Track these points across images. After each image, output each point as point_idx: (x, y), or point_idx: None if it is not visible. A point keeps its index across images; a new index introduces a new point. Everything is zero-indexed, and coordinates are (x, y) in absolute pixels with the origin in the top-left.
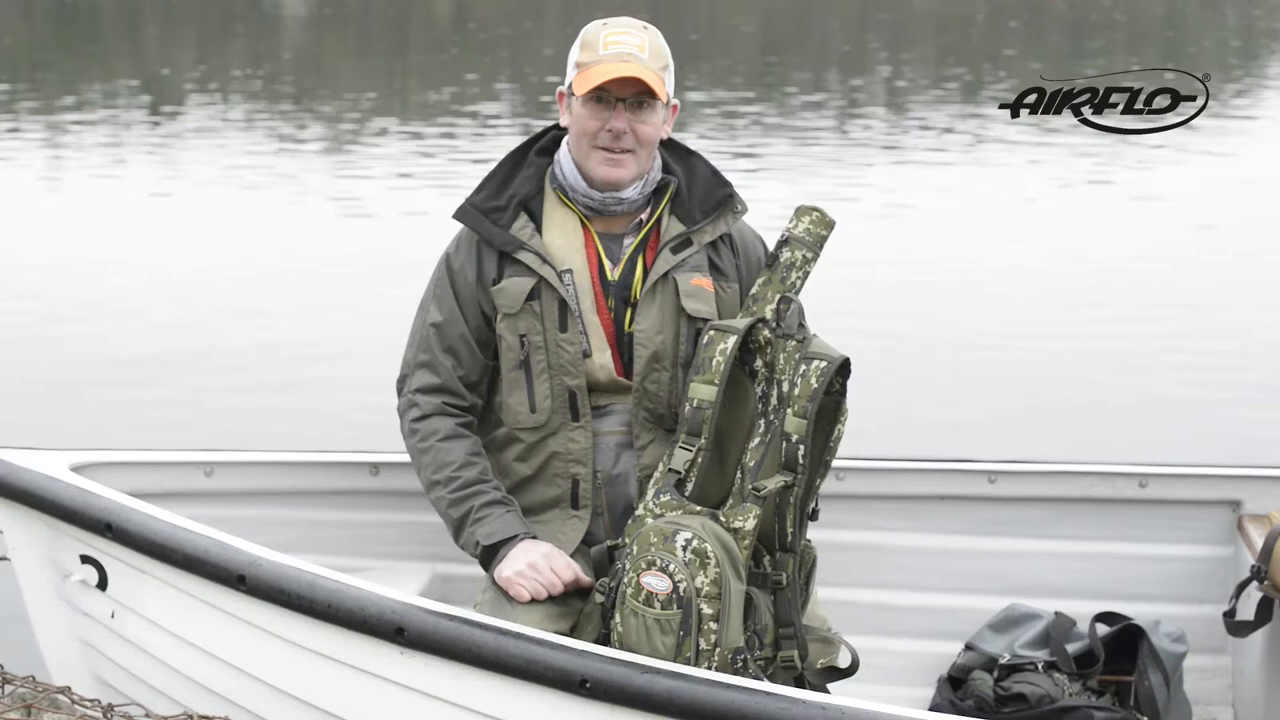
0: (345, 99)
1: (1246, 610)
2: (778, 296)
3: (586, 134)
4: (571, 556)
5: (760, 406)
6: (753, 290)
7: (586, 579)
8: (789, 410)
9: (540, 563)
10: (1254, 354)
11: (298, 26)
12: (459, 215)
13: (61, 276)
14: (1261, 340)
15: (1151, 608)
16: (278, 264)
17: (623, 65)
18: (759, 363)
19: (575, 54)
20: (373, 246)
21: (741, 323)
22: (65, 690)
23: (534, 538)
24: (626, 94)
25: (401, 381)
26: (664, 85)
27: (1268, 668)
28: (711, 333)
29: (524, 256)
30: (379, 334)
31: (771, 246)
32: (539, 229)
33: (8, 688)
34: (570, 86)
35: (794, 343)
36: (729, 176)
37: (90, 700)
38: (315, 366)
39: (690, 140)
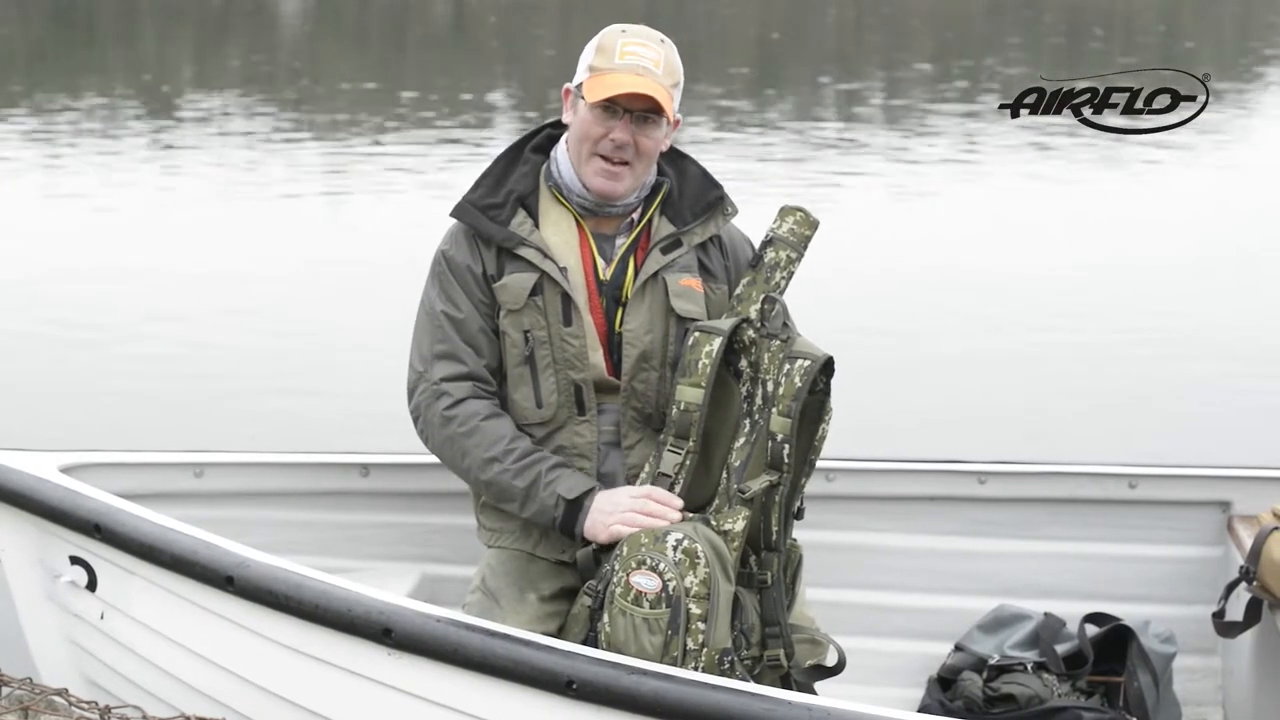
0: (342, 98)
1: (1236, 611)
2: (762, 297)
3: (589, 139)
4: (570, 558)
5: (745, 406)
6: (737, 291)
7: (678, 503)
8: (774, 410)
9: (637, 504)
10: (1245, 355)
11: (295, 25)
12: (457, 212)
13: (56, 276)
14: (1253, 341)
15: (1141, 608)
16: (272, 264)
17: (638, 80)
18: (744, 363)
19: (590, 56)
20: (369, 246)
21: (726, 324)
22: (62, 692)
23: (603, 488)
24: (636, 107)
25: (416, 379)
26: (672, 102)
27: (1257, 668)
28: (697, 334)
29: (525, 252)
30: (373, 333)
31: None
32: (536, 226)
33: (4, 690)
34: (580, 88)
35: (778, 342)
36: (721, 179)
37: (88, 702)
38: (308, 366)
39: (685, 142)
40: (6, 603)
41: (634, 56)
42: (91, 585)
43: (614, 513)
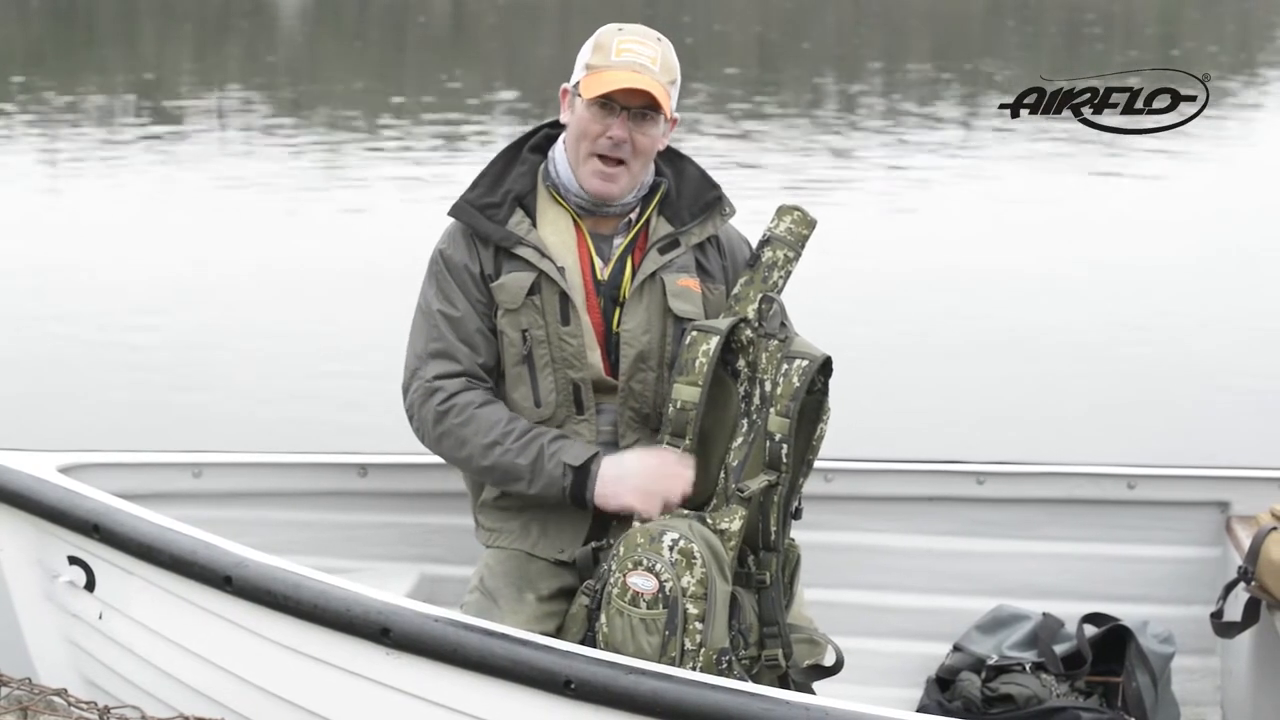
0: (341, 98)
1: (1234, 611)
2: (759, 296)
3: (587, 137)
4: (569, 557)
5: (743, 406)
6: (735, 290)
7: (689, 464)
8: (772, 409)
9: (648, 471)
10: (1243, 355)
11: (295, 24)
12: (454, 212)
13: (54, 277)
14: (1250, 341)
15: (1139, 609)
16: (270, 264)
17: (634, 76)
18: (741, 362)
19: (587, 54)
20: (367, 246)
21: (724, 323)
22: (61, 692)
23: (608, 453)
24: (633, 104)
25: (410, 378)
26: (670, 100)
27: (1255, 668)
28: (694, 333)
29: (523, 251)
30: (371, 334)
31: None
32: (534, 225)
33: (3, 690)
34: (577, 86)
35: (776, 342)
36: (718, 179)
37: (86, 702)
38: (305, 367)
39: (685, 144)
40: (5, 603)
41: (631, 54)
42: (90, 585)
43: (624, 480)
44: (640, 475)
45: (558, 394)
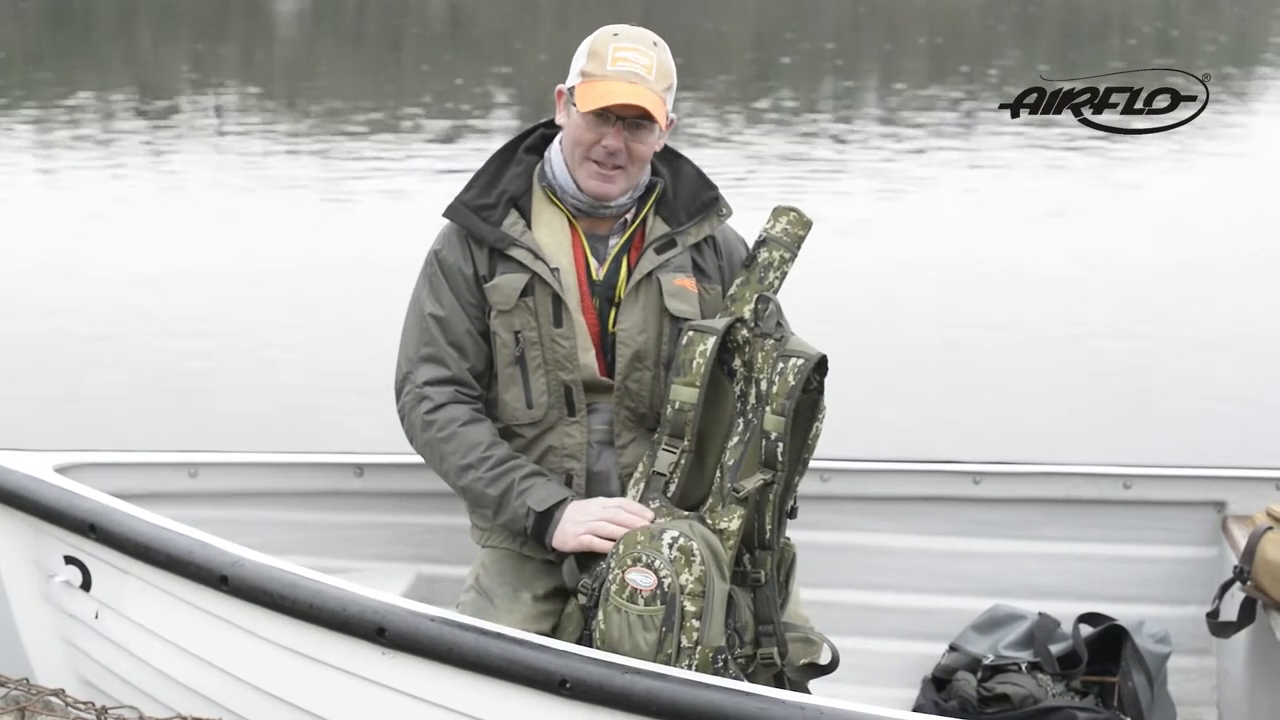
0: (337, 98)
1: (1230, 611)
2: (755, 296)
3: (582, 144)
4: (559, 560)
5: (739, 405)
6: (731, 290)
7: (649, 512)
8: (768, 408)
9: (608, 513)
10: (1241, 355)
11: (292, 25)
12: (449, 213)
13: (50, 277)
14: (1249, 341)
15: (1135, 609)
16: (266, 263)
17: (630, 88)
18: (737, 362)
19: (582, 60)
20: (362, 246)
21: (720, 323)
22: (59, 693)
23: (578, 499)
24: (628, 114)
25: (402, 380)
26: (665, 107)
27: (1251, 668)
28: (691, 333)
29: (516, 253)
30: (366, 335)
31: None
32: (528, 226)
33: (1, 690)
34: (573, 93)
35: (772, 341)
36: (719, 181)
37: (84, 703)
38: (302, 367)
39: (682, 145)
40: (2, 603)
41: (625, 63)
42: (86, 585)
43: (584, 521)
44: (600, 515)
45: (549, 396)
